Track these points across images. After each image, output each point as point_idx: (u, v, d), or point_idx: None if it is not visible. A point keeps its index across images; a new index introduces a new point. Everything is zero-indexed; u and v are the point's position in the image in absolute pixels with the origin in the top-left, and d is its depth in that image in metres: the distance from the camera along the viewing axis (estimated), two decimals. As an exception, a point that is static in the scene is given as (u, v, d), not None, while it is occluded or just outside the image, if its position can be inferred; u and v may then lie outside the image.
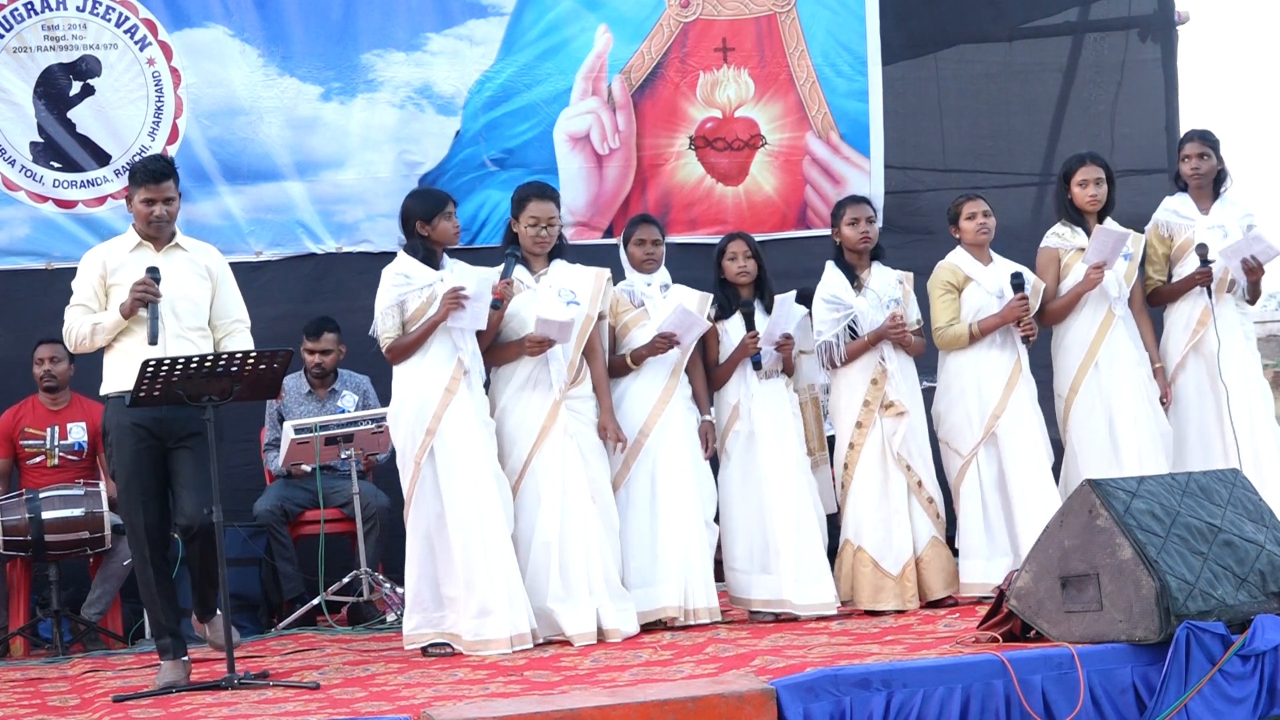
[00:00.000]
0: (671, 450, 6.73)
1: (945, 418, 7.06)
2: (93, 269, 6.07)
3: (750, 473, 6.83)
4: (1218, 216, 7.27)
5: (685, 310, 6.75)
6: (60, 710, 5.63)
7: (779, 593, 6.71)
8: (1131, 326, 7.17)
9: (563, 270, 6.69)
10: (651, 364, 6.77)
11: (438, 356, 6.39)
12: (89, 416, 7.74)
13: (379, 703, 5.21)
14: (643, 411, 6.74)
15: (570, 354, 6.56)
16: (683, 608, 6.64)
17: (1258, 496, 5.72)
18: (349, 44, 8.58)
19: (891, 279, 7.01)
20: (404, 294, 6.44)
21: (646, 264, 6.92)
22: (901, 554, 6.78)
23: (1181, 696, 5.01)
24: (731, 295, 6.95)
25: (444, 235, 6.51)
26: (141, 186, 6.02)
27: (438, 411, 6.33)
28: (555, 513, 6.44)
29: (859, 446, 6.86)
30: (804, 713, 4.79)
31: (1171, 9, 9.53)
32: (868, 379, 6.88)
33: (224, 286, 6.18)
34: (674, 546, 6.67)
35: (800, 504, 6.78)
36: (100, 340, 6.01)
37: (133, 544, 6.03)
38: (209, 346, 6.06)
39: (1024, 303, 6.92)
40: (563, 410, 6.52)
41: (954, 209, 7.18)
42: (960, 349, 7.00)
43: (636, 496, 6.71)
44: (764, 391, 6.85)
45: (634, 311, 6.85)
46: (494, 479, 6.38)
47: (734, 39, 8.97)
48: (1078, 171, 7.20)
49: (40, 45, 8.21)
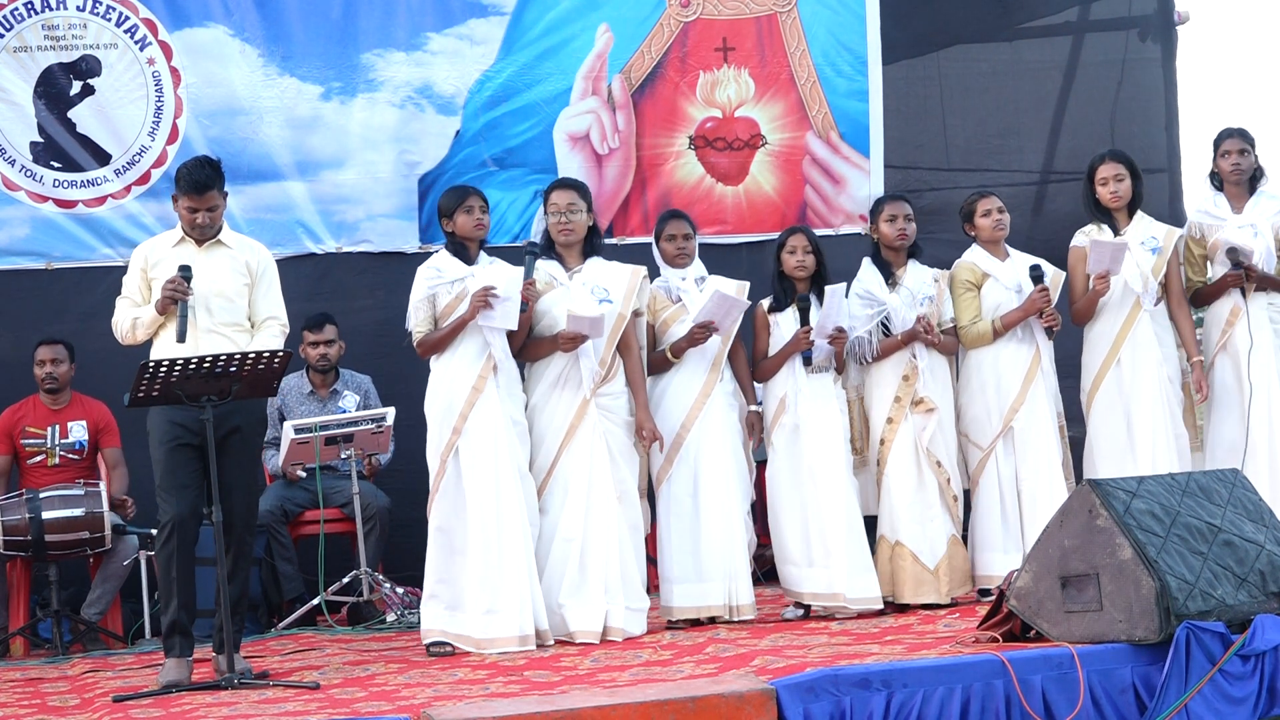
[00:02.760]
0: (713, 447, 6.74)
1: (965, 411, 7.10)
2: (137, 263, 6.22)
3: (797, 467, 6.83)
4: (1250, 215, 7.27)
5: (721, 295, 6.73)
6: (60, 710, 5.63)
7: (831, 586, 6.70)
8: (1159, 324, 7.17)
9: (597, 267, 6.70)
10: (692, 359, 6.77)
11: (468, 354, 6.42)
12: (89, 416, 7.74)
13: (379, 703, 5.22)
14: (683, 408, 6.75)
15: (601, 351, 6.56)
16: (727, 604, 6.65)
17: (1258, 496, 5.72)
18: (349, 44, 8.58)
19: (927, 277, 7.03)
20: (434, 288, 6.49)
21: (679, 259, 6.92)
22: (937, 549, 6.81)
23: (1182, 696, 5.01)
24: (788, 288, 6.96)
25: (464, 229, 6.56)
26: (185, 195, 6.10)
27: (464, 410, 6.36)
28: (580, 511, 6.47)
29: (889, 442, 6.88)
30: (804, 713, 4.79)
31: (1171, 9, 9.53)
32: (899, 375, 6.90)
33: (263, 283, 6.24)
34: (718, 544, 6.68)
35: (849, 499, 6.79)
36: (141, 335, 6.13)
37: (161, 537, 6.02)
38: (246, 341, 6.11)
39: (1045, 294, 6.96)
40: (592, 408, 6.53)
41: (968, 206, 7.21)
42: (985, 345, 7.03)
43: (678, 493, 6.73)
44: (812, 386, 6.85)
45: (672, 308, 6.86)
46: (519, 480, 6.39)
47: (734, 39, 8.97)
48: (1098, 169, 7.25)
49: (40, 45, 8.21)
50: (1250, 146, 7.30)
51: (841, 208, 9.02)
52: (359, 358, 8.24)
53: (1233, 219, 7.27)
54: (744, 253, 8.74)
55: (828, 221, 8.94)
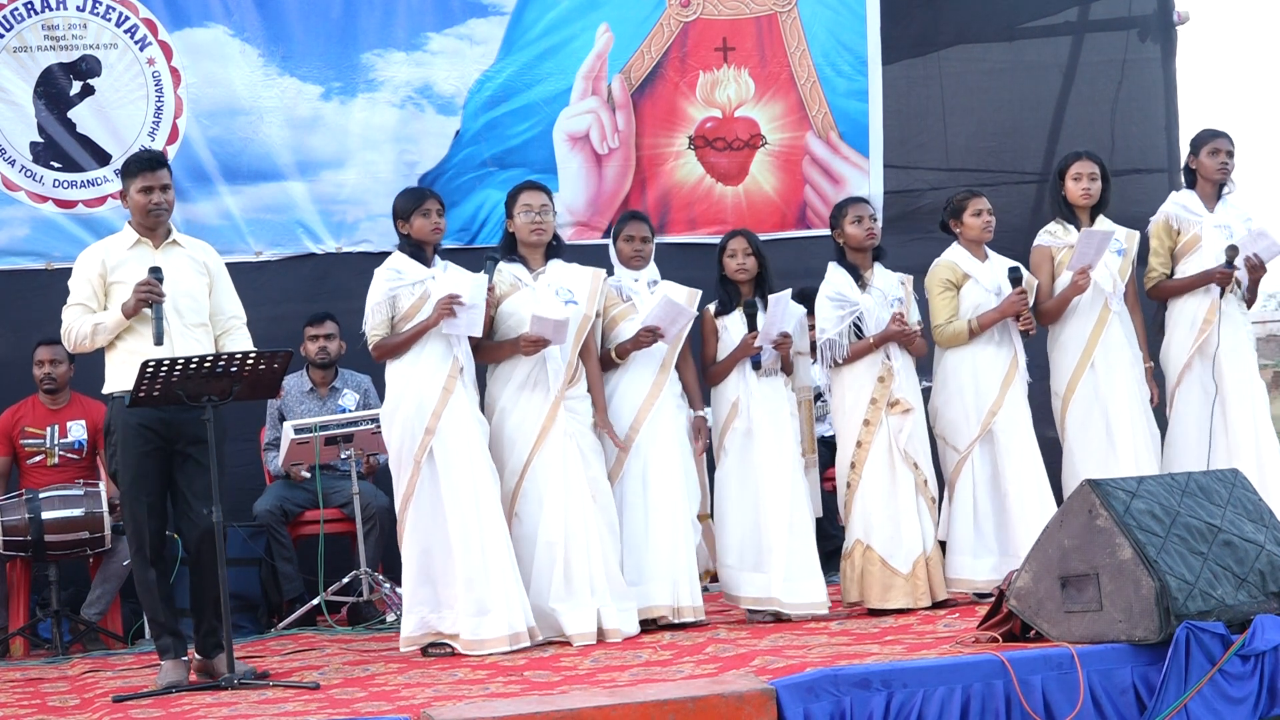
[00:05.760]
0: (661, 448, 6.72)
1: (942, 414, 7.06)
2: (91, 268, 6.02)
3: (747, 471, 6.82)
4: (1222, 216, 7.27)
5: (670, 301, 6.73)
6: (60, 710, 5.63)
7: (768, 591, 6.70)
8: (1127, 324, 7.18)
9: (560, 270, 6.69)
10: (640, 360, 6.76)
11: (433, 355, 6.39)
12: (89, 415, 7.74)
13: (379, 703, 5.22)
14: (632, 408, 6.73)
15: (568, 354, 6.56)
16: (672, 606, 6.64)
17: (1257, 496, 5.72)
18: (349, 44, 8.59)
19: (893, 280, 7.01)
20: (395, 289, 6.44)
21: (634, 260, 6.91)
22: (911, 551, 6.76)
23: (1181, 696, 5.01)
24: (733, 292, 6.94)
25: (421, 232, 6.50)
26: (137, 176, 5.98)
27: (437, 410, 6.33)
28: (558, 513, 6.44)
29: (867, 445, 6.83)
30: (804, 713, 4.79)
31: (1171, 9, 9.54)
32: (874, 377, 6.86)
33: (220, 283, 6.16)
34: (664, 545, 6.67)
35: (795, 503, 6.77)
36: (101, 340, 5.98)
37: (132, 544, 6.01)
38: (210, 342, 6.05)
39: (1022, 296, 6.94)
40: (561, 410, 6.52)
41: (957, 204, 7.14)
42: (960, 345, 7.01)
43: (629, 494, 6.70)
44: (763, 389, 6.84)
45: (621, 306, 6.83)
46: (491, 476, 6.38)
47: (734, 39, 8.97)
48: (1072, 166, 7.21)
49: (40, 45, 8.21)
50: (1233, 150, 7.30)
51: (841, 208, 9.02)
52: (359, 358, 8.21)
53: (1208, 217, 7.26)
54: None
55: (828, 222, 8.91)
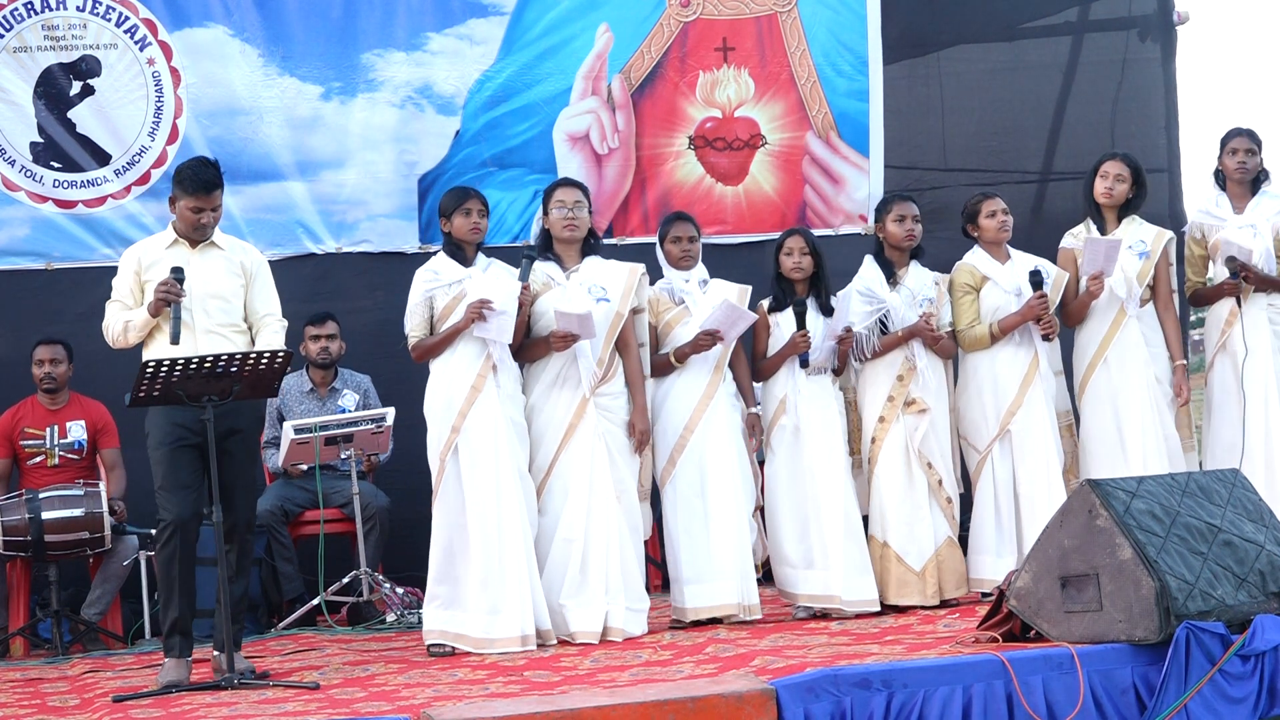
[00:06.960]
0: (717, 446, 6.73)
1: (963, 414, 7.10)
2: (129, 265, 6.17)
3: (796, 468, 6.83)
4: (1251, 215, 7.28)
5: (731, 305, 6.75)
6: (60, 710, 5.63)
7: (827, 588, 6.70)
8: (1147, 326, 7.18)
9: (595, 266, 6.70)
10: (694, 360, 6.77)
11: (467, 354, 6.42)
12: (88, 416, 7.74)
13: (379, 703, 5.22)
14: (687, 408, 6.75)
15: (599, 350, 6.56)
16: (740, 603, 6.65)
17: (1257, 496, 5.72)
18: (349, 44, 8.58)
19: (928, 279, 7.03)
20: (431, 290, 6.50)
21: (683, 261, 6.92)
22: (924, 550, 6.80)
23: (1181, 696, 5.01)
24: (787, 289, 6.96)
25: (460, 231, 6.56)
26: (192, 196, 6.05)
27: (463, 409, 6.36)
28: (580, 511, 6.46)
29: (880, 441, 6.87)
30: (804, 713, 4.78)
31: (1171, 9, 9.53)
32: (894, 375, 6.90)
33: (258, 282, 6.22)
34: (728, 543, 6.68)
35: (848, 500, 6.79)
36: (134, 337, 6.09)
37: (162, 537, 6.00)
38: (244, 341, 6.11)
39: (1043, 300, 6.95)
40: (591, 408, 6.52)
41: (972, 207, 7.18)
42: (982, 349, 7.03)
43: (685, 493, 6.72)
44: (810, 387, 6.85)
45: (675, 309, 6.86)
46: (518, 479, 6.39)
47: (734, 39, 8.97)
48: (1103, 165, 7.27)
49: (40, 45, 8.21)
50: (1258, 148, 7.32)
51: (841, 208, 9.03)
52: (359, 358, 8.24)
53: (1234, 219, 7.28)
54: (744, 253, 8.75)
55: (827, 222, 8.95)
